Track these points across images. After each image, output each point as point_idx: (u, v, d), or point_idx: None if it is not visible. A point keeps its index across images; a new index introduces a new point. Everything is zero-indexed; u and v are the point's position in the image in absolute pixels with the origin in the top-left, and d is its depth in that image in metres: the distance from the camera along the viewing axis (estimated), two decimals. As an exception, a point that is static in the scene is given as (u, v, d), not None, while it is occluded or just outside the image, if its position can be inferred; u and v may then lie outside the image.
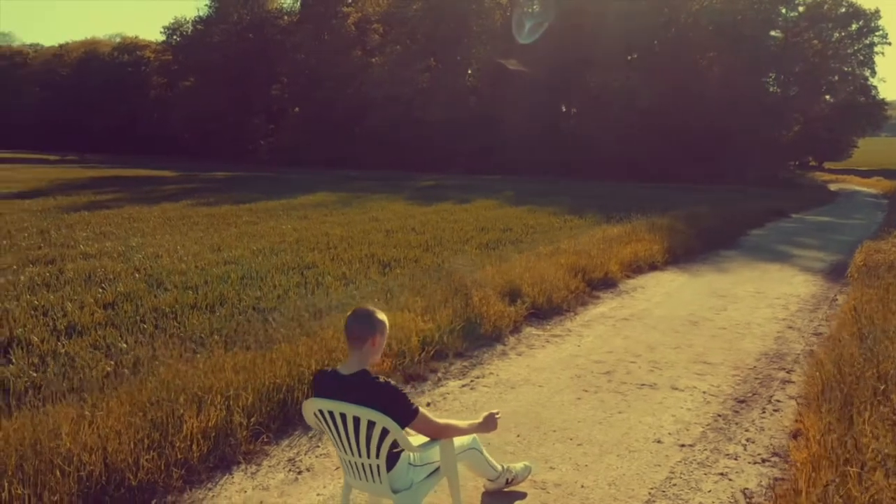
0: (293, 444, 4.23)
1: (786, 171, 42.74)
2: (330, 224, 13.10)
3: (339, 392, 2.77)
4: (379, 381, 2.76)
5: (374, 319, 2.84)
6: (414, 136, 41.98)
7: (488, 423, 3.14)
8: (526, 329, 6.86)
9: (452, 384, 5.35)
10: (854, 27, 43.98)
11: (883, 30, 43.86)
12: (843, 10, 43.44)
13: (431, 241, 11.15)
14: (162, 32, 63.06)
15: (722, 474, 3.86)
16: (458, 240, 11.49)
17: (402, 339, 5.63)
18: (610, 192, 25.39)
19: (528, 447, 4.20)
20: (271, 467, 3.98)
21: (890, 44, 44.82)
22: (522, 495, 3.65)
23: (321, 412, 2.81)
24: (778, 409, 4.81)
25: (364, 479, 2.88)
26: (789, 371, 5.64)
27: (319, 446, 4.18)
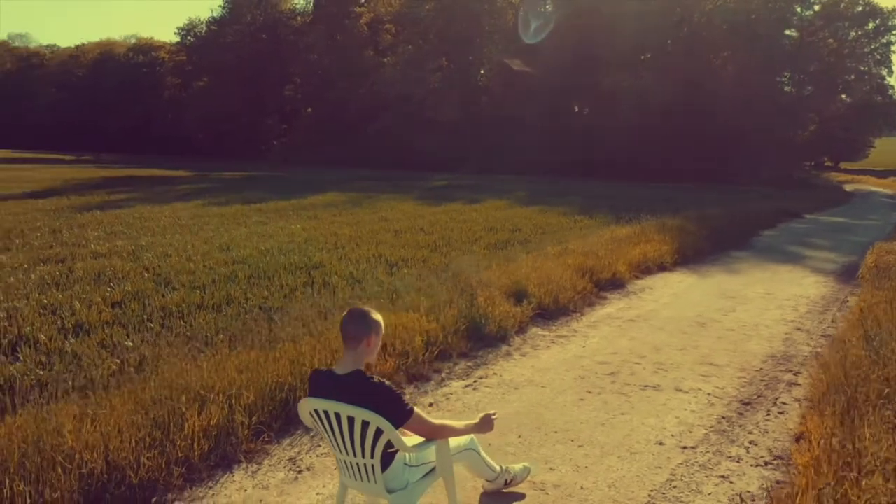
0: (294, 444, 4.25)
1: (801, 171, 42.38)
2: (339, 224, 13.14)
3: (333, 392, 2.78)
4: (373, 382, 2.77)
5: (370, 319, 2.85)
6: (425, 136, 41.98)
7: (484, 424, 3.14)
8: (532, 329, 6.84)
9: (456, 384, 5.35)
10: (871, 26, 43.51)
11: (900, 28, 43.41)
12: (859, 8, 42.99)
13: (440, 241, 11.15)
14: (176, 33, 63.75)
15: (723, 477, 3.83)
16: (467, 240, 11.48)
17: (406, 340, 5.63)
18: (622, 192, 25.28)
19: (528, 448, 4.19)
20: (272, 466, 4.00)
21: (907, 43, 44.32)
22: (521, 496, 3.64)
23: (316, 412, 2.82)
24: (783, 412, 4.77)
25: (359, 478, 2.88)
26: (796, 373, 5.59)
27: (320, 446, 4.19)
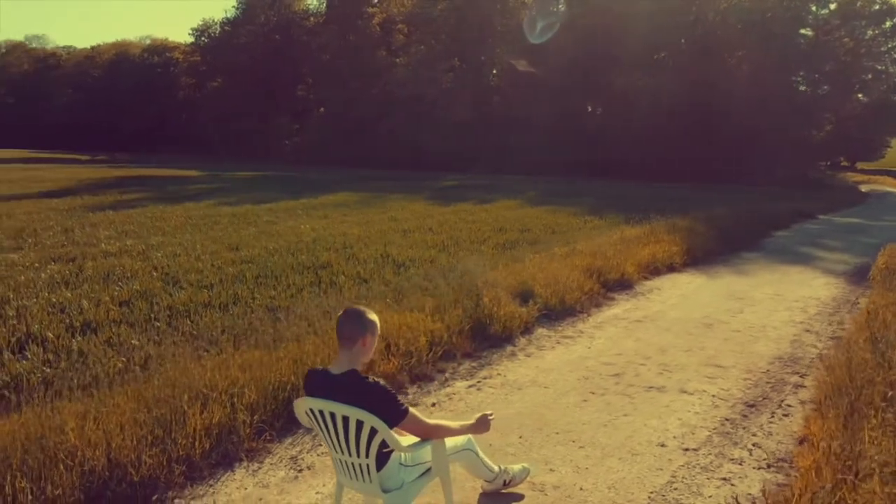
0: (296, 443, 4.27)
1: (816, 171, 41.92)
2: (348, 224, 13.17)
3: (329, 391, 2.79)
4: (368, 381, 2.77)
5: (365, 319, 2.85)
6: (437, 136, 41.94)
7: (481, 425, 3.14)
8: (537, 330, 6.83)
9: (459, 385, 5.35)
10: (888, 24, 42.88)
11: (919, 28, 42.78)
12: (876, 7, 42.44)
13: (448, 241, 11.15)
14: (190, 34, 64.09)
15: (724, 479, 3.81)
16: (476, 240, 11.47)
17: (411, 339, 5.64)
18: (634, 192, 25.16)
19: (529, 449, 4.19)
20: (273, 465, 4.02)
21: (926, 42, 43.67)
22: (520, 497, 3.63)
23: (312, 411, 2.83)
24: (788, 414, 4.73)
25: (355, 478, 2.89)
26: (803, 375, 5.54)
27: (321, 445, 4.20)
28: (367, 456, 2.78)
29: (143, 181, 25.75)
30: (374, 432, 2.71)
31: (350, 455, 2.81)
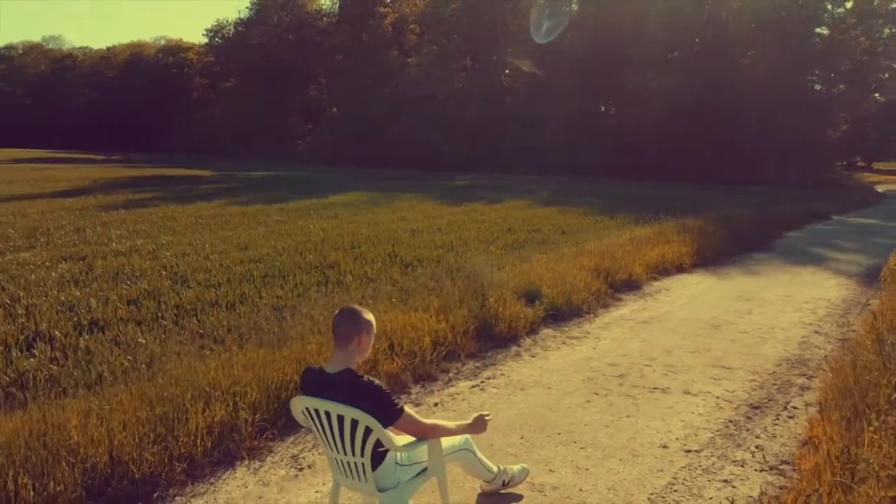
0: (297, 441, 4.28)
1: (831, 172, 41.48)
2: (357, 223, 13.20)
3: (324, 390, 2.80)
4: (363, 381, 2.78)
5: (361, 319, 2.86)
6: (449, 136, 41.92)
7: (477, 425, 3.13)
8: (543, 330, 6.81)
9: (462, 385, 5.34)
10: (905, 23, 42.46)
11: (936, 26, 42.24)
12: (893, 5, 41.95)
13: (456, 241, 11.15)
14: (204, 35, 64.36)
15: (726, 481, 3.78)
16: (484, 240, 11.46)
17: (415, 339, 5.65)
18: (647, 192, 25.04)
19: (530, 449, 4.18)
20: (274, 463, 4.03)
21: (943, 40, 43.10)
22: (519, 497, 3.63)
23: (307, 410, 2.84)
24: (793, 416, 4.69)
25: (351, 477, 2.90)
26: (810, 377, 5.49)
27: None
28: (363, 455, 2.78)
29: (156, 181, 25.95)
30: (368, 431, 2.71)
31: (345, 454, 2.82)
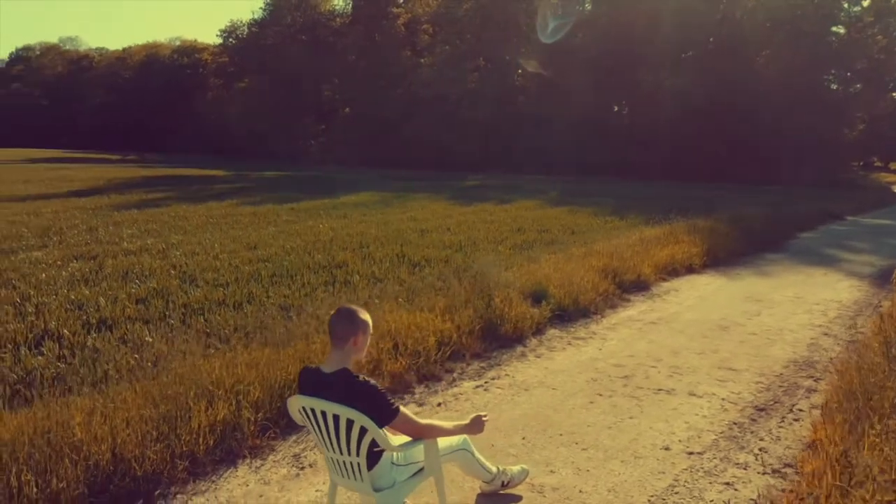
0: (300, 440, 4.30)
1: (848, 172, 41.07)
2: (367, 223, 13.23)
3: (321, 389, 2.81)
4: (359, 380, 2.79)
5: (357, 319, 2.87)
6: (462, 136, 41.92)
7: (475, 426, 3.13)
8: (549, 331, 6.79)
9: (467, 385, 5.34)
10: (923, 21, 41.92)
11: (956, 24, 41.65)
12: (911, 3, 41.47)
13: (465, 241, 11.14)
14: (218, 35, 64.79)
15: (727, 484, 3.75)
16: (493, 240, 11.45)
17: (420, 339, 5.65)
18: (659, 192, 24.91)
19: (531, 450, 4.17)
20: (276, 462, 4.05)
21: (963, 39, 42.49)
22: (518, 498, 3.62)
23: (304, 409, 2.85)
24: (798, 419, 4.65)
25: (347, 476, 2.90)
26: (817, 379, 5.44)
27: (324, 443, 4.23)
28: (358, 455, 2.79)
29: (170, 180, 26.15)
30: (364, 431, 2.72)
31: (341, 453, 2.83)
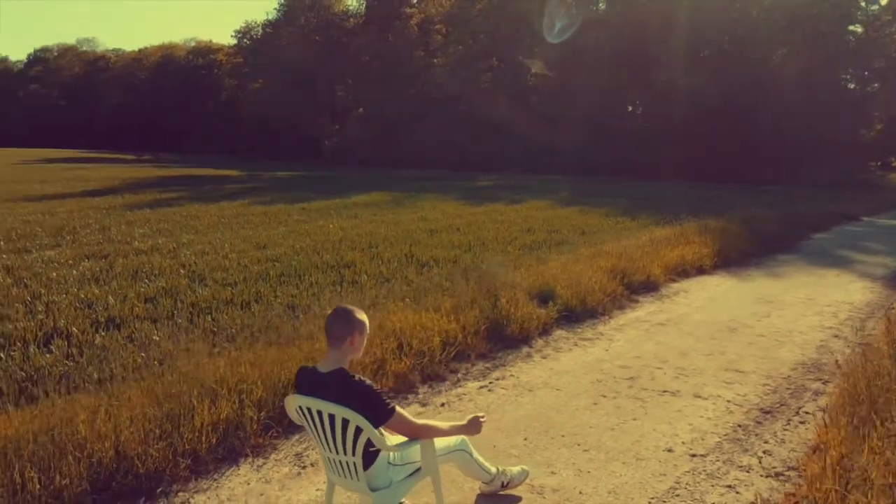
0: (302, 440, 4.31)
1: (865, 172, 40.58)
2: (377, 223, 13.26)
3: (317, 389, 2.82)
4: (354, 380, 2.79)
5: (354, 319, 2.87)
6: (475, 136, 41.90)
7: (472, 426, 3.13)
8: (556, 332, 6.77)
9: (471, 385, 5.34)
10: (942, 19, 41.32)
11: (976, 21, 41.00)
12: (930, 2, 40.90)
13: (474, 241, 11.14)
14: (233, 36, 65.18)
15: (730, 486, 3.73)
16: (502, 240, 11.44)
17: (424, 339, 5.66)
18: (672, 192, 24.71)
19: (533, 451, 4.16)
20: (278, 461, 4.07)
21: (983, 36, 41.85)
22: (518, 499, 3.61)
23: (301, 408, 2.86)
24: (804, 422, 4.60)
25: (343, 475, 2.91)
26: (825, 382, 5.38)
27: (326, 442, 4.24)
28: (354, 454, 2.80)
29: (183, 180, 26.34)
30: (359, 431, 2.73)
31: (337, 453, 2.83)
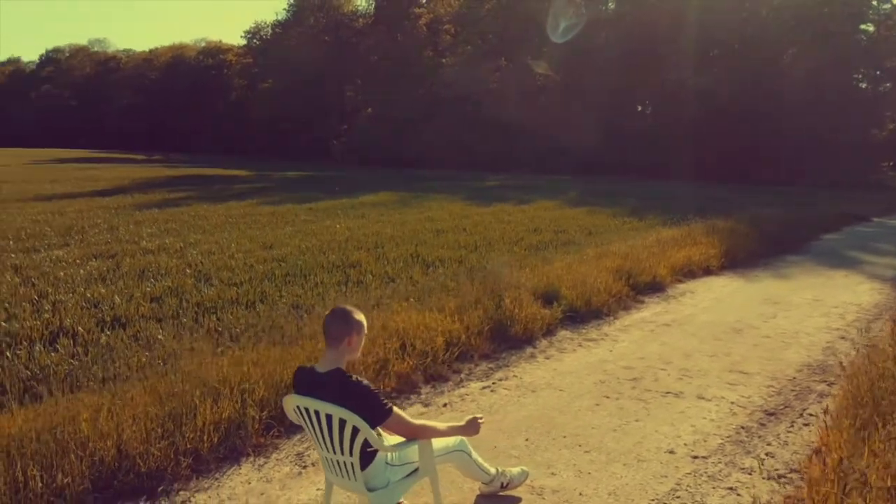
0: (303, 439, 4.32)
1: (877, 172, 40.25)
2: (383, 223, 13.28)
3: (314, 389, 2.83)
4: (351, 381, 2.80)
5: (351, 319, 2.88)
6: (484, 136, 41.88)
7: (470, 427, 3.13)
8: (560, 332, 6.76)
9: (474, 386, 5.34)
10: (955, 18, 40.93)
11: None
12: (943, 0, 40.53)
13: (480, 241, 11.14)
14: (243, 36, 65.48)
15: (731, 489, 3.71)
16: (509, 241, 11.42)
17: (428, 339, 5.66)
18: (681, 192, 24.62)
19: (534, 452, 4.15)
20: (279, 460, 4.08)
21: None
22: (517, 500, 3.61)
23: (298, 408, 2.87)
24: (808, 424, 4.58)
25: (341, 475, 2.92)
26: (831, 384, 5.35)
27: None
28: (351, 454, 2.80)
29: (193, 180, 26.45)
30: (356, 431, 2.74)
31: (335, 453, 2.84)
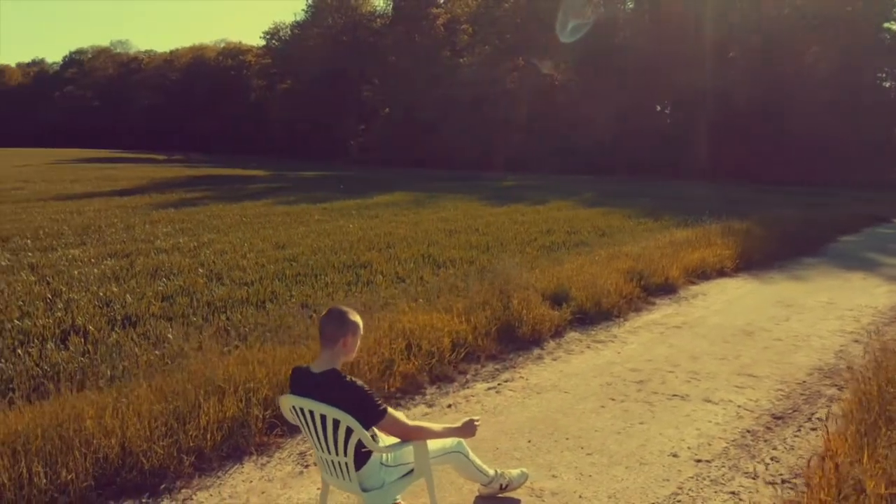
0: (306, 439, 4.32)
1: (900, 173, 39.65)
2: (396, 223, 13.31)
3: (309, 389, 2.84)
4: (346, 381, 2.81)
5: (347, 320, 2.89)
6: (500, 136, 41.87)
7: (466, 429, 3.13)
8: (569, 334, 6.73)
9: (479, 386, 5.33)
10: (982, 16, 40.18)
11: None
12: (969, -3, 39.80)
13: (492, 242, 11.12)
14: (262, 37, 65.98)
15: (733, 493, 3.67)
16: (521, 241, 11.40)
17: (434, 340, 5.66)
18: (698, 193, 24.41)
19: (535, 453, 4.14)
20: (281, 460, 4.11)
21: None
22: (516, 502, 3.60)
23: (294, 408, 2.89)
24: (816, 428, 4.51)
25: (336, 476, 2.93)
26: (841, 388, 5.27)
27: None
28: (346, 455, 2.81)
29: (210, 180, 26.69)
30: (350, 431, 2.75)
31: (330, 453, 2.86)
